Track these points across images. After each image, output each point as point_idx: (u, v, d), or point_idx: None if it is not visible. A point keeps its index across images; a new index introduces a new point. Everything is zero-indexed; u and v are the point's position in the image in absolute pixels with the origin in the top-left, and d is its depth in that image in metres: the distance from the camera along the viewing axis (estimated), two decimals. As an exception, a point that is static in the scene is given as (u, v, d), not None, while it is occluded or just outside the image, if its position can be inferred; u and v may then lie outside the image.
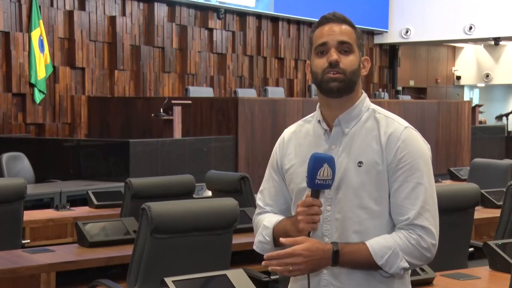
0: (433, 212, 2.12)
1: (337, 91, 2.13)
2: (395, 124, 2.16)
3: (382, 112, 2.20)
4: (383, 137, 2.14)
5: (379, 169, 2.11)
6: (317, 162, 2.03)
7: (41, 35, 9.86)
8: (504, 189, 4.46)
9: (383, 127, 2.15)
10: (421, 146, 2.15)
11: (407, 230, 2.09)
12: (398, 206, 2.11)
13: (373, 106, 2.22)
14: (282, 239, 2.05)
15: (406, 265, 2.08)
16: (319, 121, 2.21)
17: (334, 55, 2.12)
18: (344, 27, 2.15)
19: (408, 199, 2.10)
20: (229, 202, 3.57)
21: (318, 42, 2.15)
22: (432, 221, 2.11)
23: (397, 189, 2.11)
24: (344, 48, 2.13)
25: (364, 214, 2.12)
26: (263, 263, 2.06)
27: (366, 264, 2.08)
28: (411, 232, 2.09)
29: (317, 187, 2.04)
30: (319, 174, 2.03)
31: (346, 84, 2.13)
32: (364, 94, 2.22)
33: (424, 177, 2.12)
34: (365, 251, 2.06)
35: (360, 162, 2.12)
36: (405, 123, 2.18)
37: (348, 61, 2.13)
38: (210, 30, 12.77)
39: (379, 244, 2.07)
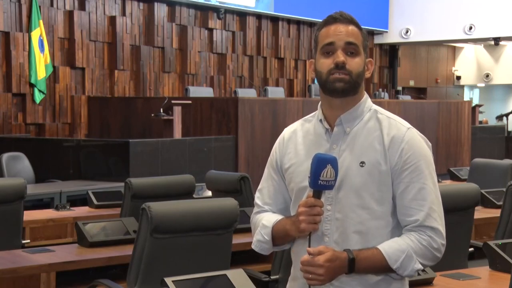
0: (440, 212, 2.13)
1: (341, 91, 2.13)
2: (398, 125, 2.16)
3: (384, 113, 2.20)
4: (386, 138, 2.14)
5: (382, 170, 2.11)
6: (320, 163, 2.02)
7: (41, 35, 9.86)
8: (504, 189, 4.47)
9: (386, 128, 2.15)
10: (424, 147, 2.16)
11: (417, 232, 2.10)
12: (406, 208, 2.11)
13: (375, 106, 2.22)
14: (308, 249, 2.04)
15: (420, 267, 2.09)
16: (320, 120, 2.21)
17: (341, 56, 2.11)
18: (351, 28, 2.14)
19: (415, 201, 2.10)
20: (229, 202, 3.57)
21: (325, 42, 2.14)
22: (440, 221, 2.12)
23: (403, 190, 2.11)
24: (350, 49, 2.13)
25: (366, 214, 2.11)
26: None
27: (381, 268, 2.09)
28: (421, 233, 2.09)
29: (320, 188, 2.04)
30: (322, 175, 2.02)
31: (351, 85, 2.13)
32: (366, 95, 2.22)
33: (429, 178, 2.13)
34: (379, 256, 2.07)
35: (362, 162, 2.12)
36: (407, 124, 2.18)
37: (354, 63, 2.12)
38: (210, 30, 12.77)
39: (392, 248, 2.07)
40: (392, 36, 16.37)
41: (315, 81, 2.32)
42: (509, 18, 15.14)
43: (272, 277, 3.80)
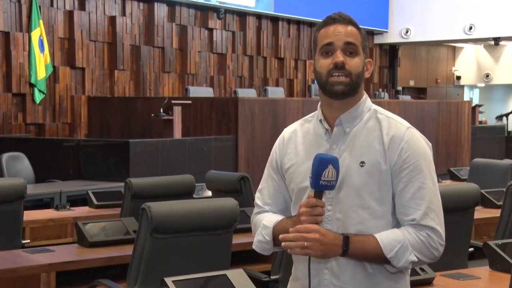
0: (438, 212, 2.13)
1: (341, 94, 2.13)
2: (397, 125, 2.16)
3: (383, 112, 2.20)
4: (385, 137, 2.13)
5: (382, 169, 2.11)
6: (322, 163, 2.02)
7: (41, 35, 9.86)
8: (504, 189, 4.47)
9: (385, 127, 2.15)
10: (424, 146, 2.16)
11: (415, 228, 2.09)
12: (404, 207, 2.11)
13: (375, 106, 2.22)
14: (291, 229, 2.03)
15: (415, 259, 2.08)
16: (320, 121, 2.21)
17: (340, 56, 2.11)
18: (350, 28, 2.15)
19: (413, 200, 2.10)
20: (229, 202, 3.57)
21: (324, 42, 2.14)
22: (438, 221, 2.11)
23: (402, 189, 2.11)
24: (349, 49, 2.13)
25: (366, 214, 2.11)
26: (280, 237, 2.05)
27: (375, 256, 2.08)
28: (419, 230, 2.09)
29: (321, 188, 2.03)
30: (324, 175, 2.01)
31: (351, 87, 2.13)
32: (366, 95, 2.22)
33: (428, 177, 2.12)
34: (375, 243, 2.06)
35: (362, 162, 2.12)
36: (407, 124, 2.18)
37: (353, 63, 2.13)
38: (210, 30, 12.78)
39: (388, 237, 2.07)
40: (392, 36, 16.37)
41: (315, 81, 2.31)
42: (509, 18, 15.14)
43: (272, 277, 3.80)
